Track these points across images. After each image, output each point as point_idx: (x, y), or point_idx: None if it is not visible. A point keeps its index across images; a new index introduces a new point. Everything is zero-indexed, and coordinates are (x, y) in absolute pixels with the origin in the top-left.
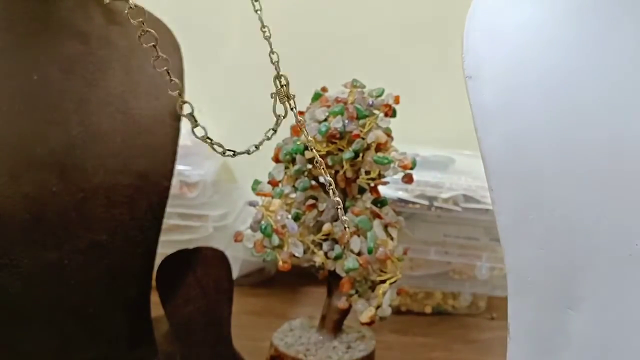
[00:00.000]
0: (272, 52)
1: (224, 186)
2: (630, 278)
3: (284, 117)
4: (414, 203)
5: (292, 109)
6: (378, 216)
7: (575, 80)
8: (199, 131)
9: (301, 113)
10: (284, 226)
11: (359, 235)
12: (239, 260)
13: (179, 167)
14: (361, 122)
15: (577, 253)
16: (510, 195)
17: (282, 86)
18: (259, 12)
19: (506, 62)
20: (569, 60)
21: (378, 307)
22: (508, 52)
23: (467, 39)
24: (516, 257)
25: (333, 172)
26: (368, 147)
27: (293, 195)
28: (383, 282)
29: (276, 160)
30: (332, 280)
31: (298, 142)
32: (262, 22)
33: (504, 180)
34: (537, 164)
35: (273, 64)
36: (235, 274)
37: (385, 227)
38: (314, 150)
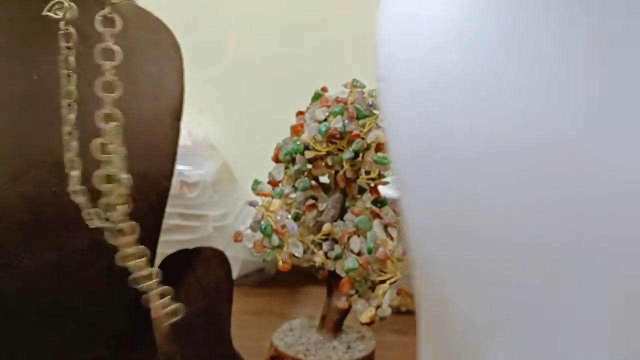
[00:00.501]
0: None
1: (224, 186)
2: (554, 300)
3: None
4: None
5: None
6: (378, 216)
7: (494, 72)
8: None
9: (301, 113)
10: (284, 226)
11: (359, 235)
12: (239, 260)
13: (179, 167)
14: (361, 122)
15: (497, 271)
16: (423, 210)
17: None
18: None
19: (420, 62)
20: (489, 52)
21: (378, 307)
22: (423, 47)
23: (381, 32)
24: (429, 275)
25: (333, 172)
26: (368, 147)
27: (293, 195)
28: (383, 282)
29: (276, 160)
30: (332, 280)
31: (298, 142)
32: None
33: (415, 192)
34: (453, 174)
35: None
36: (235, 274)
37: (385, 227)
38: None
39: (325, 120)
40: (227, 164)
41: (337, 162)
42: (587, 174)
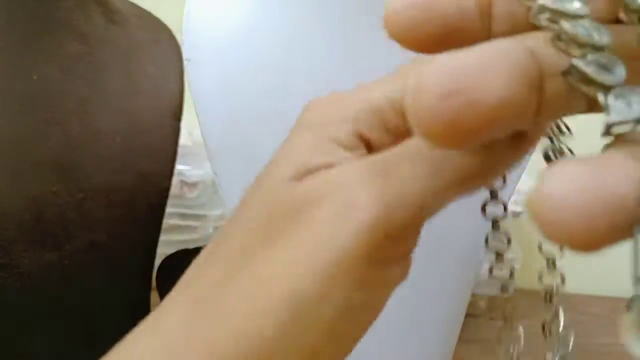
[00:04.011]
0: None
1: None
2: None
3: None
4: None
5: None
6: None
7: (285, 60)
8: None
9: None
10: None
11: None
12: None
13: (179, 167)
14: None
15: None
16: (236, 179)
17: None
18: None
19: (222, 43)
20: (278, 42)
21: None
22: (224, 33)
23: (187, 20)
24: None
25: None
26: None
27: None
28: None
29: None
30: None
31: None
32: None
33: (227, 164)
34: (258, 148)
35: None
36: None
37: None
38: None
39: None
40: None
41: None
42: None
